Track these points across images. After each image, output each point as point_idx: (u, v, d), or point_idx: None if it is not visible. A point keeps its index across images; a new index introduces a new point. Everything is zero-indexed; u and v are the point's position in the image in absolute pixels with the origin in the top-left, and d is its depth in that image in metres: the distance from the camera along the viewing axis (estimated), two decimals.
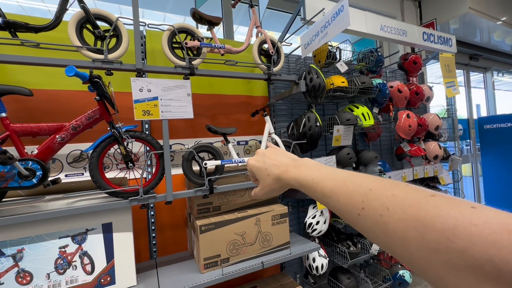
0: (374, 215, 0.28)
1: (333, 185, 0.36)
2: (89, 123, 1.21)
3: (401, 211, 0.26)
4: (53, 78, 1.49)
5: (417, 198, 0.26)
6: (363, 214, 0.30)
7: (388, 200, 0.28)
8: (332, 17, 1.45)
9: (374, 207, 0.29)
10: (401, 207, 0.26)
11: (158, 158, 1.36)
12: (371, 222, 0.29)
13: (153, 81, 1.32)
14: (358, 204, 0.31)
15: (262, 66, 1.70)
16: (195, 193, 1.44)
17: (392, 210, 0.27)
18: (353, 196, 0.32)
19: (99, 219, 1.26)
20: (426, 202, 0.25)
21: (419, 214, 0.24)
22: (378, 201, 0.29)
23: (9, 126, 1.07)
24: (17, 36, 1.14)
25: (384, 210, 0.27)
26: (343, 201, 0.34)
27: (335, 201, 0.35)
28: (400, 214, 0.26)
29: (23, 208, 1.17)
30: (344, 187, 0.34)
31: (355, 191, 0.33)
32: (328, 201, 0.36)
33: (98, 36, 1.27)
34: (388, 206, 0.27)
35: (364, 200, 0.31)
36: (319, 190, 0.38)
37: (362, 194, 0.31)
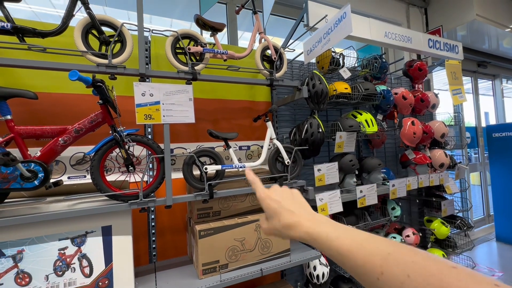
0: (395, 281, 0.28)
1: (349, 244, 0.36)
2: (91, 126, 1.22)
3: (423, 280, 0.26)
4: (59, 82, 1.52)
5: (439, 269, 0.26)
6: (383, 279, 0.30)
7: (409, 267, 0.28)
8: (334, 24, 1.45)
9: (394, 273, 0.29)
10: (423, 276, 0.26)
11: (158, 162, 1.37)
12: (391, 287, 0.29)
13: (155, 85, 1.33)
14: (376, 268, 0.31)
15: (265, 72, 1.71)
16: (194, 198, 1.44)
17: (413, 278, 0.27)
18: (371, 259, 0.32)
19: (99, 221, 1.27)
20: (449, 274, 0.25)
21: (442, 285, 0.24)
22: (398, 267, 0.29)
23: (13, 128, 1.10)
24: (24, 41, 1.17)
25: (405, 277, 0.27)
26: (361, 262, 0.33)
27: (352, 262, 0.34)
28: (422, 283, 0.26)
29: (24, 209, 1.18)
30: (362, 248, 0.34)
31: (373, 253, 0.32)
32: (344, 260, 0.36)
33: (103, 41, 1.30)
34: (409, 274, 0.27)
35: (383, 264, 0.30)
36: (334, 248, 0.37)
37: (381, 258, 0.31)
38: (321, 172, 1.79)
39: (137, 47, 1.57)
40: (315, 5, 1.78)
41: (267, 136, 1.72)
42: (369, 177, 2.20)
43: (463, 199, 3.44)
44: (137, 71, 1.33)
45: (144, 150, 1.64)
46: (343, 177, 2.00)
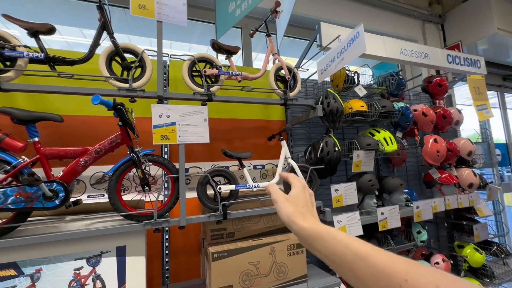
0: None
1: (368, 248, 0.34)
2: (111, 147, 1.27)
3: None
4: (83, 105, 1.61)
5: (472, 286, 0.25)
6: (406, 286, 0.28)
7: (437, 278, 0.26)
8: (348, 43, 1.46)
9: (420, 281, 0.27)
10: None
11: (173, 181, 1.38)
12: None
13: (172, 107, 1.38)
14: (400, 274, 0.29)
15: (279, 92, 1.72)
16: (208, 218, 1.42)
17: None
18: (394, 263, 0.30)
19: (114, 241, 1.27)
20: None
21: None
22: (426, 276, 0.27)
23: (40, 150, 1.16)
24: (55, 69, 1.27)
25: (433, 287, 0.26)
26: (382, 267, 0.31)
27: (370, 265, 0.32)
28: None
29: (44, 228, 1.22)
30: (383, 254, 0.33)
31: (397, 260, 0.31)
32: (361, 263, 0.34)
33: (125, 67, 1.38)
34: (438, 284, 0.26)
35: (408, 272, 0.28)
36: (352, 249, 0.35)
37: (405, 265, 0.30)
38: (338, 193, 1.72)
39: (156, 71, 1.64)
40: (328, 26, 1.81)
41: (281, 155, 1.70)
42: (390, 198, 2.08)
43: (498, 223, 3.15)
44: (156, 93, 1.39)
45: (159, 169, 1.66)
46: (362, 197, 1.91)
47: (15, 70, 1.20)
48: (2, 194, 1.06)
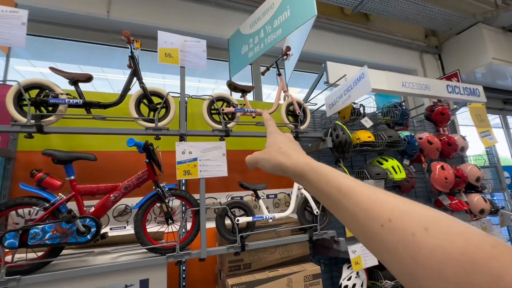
0: (405, 231, 0.23)
1: (354, 184, 0.30)
2: (138, 183, 1.36)
3: (445, 237, 0.21)
4: (109, 141, 1.74)
5: (467, 229, 0.21)
6: (388, 226, 0.24)
7: (427, 220, 0.23)
8: (354, 82, 1.59)
9: (405, 221, 0.23)
10: (445, 232, 0.21)
11: (194, 214, 1.45)
12: (396, 239, 0.23)
13: (193, 144, 1.49)
14: (384, 213, 0.25)
15: (290, 126, 1.84)
16: (227, 250, 1.47)
17: (431, 233, 0.21)
18: (379, 203, 0.27)
19: (137, 275, 1.32)
20: (480, 238, 0.20)
21: (470, 248, 0.19)
22: (413, 217, 0.24)
23: (75, 187, 1.26)
24: (91, 112, 1.41)
25: (419, 229, 0.22)
26: (364, 205, 0.27)
27: (352, 202, 0.29)
28: (443, 240, 0.21)
29: (74, 262, 1.28)
30: (370, 192, 0.29)
31: (384, 198, 0.27)
32: (342, 200, 0.30)
33: (151, 108, 1.52)
34: (426, 226, 0.22)
35: (394, 210, 0.25)
36: (336, 184, 0.32)
37: (392, 204, 0.26)
38: None
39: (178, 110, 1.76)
40: (334, 65, 1.97)
41: (295, 186, 1.77)
42: None
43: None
44: (178, 131, 1.51)
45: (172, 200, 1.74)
46: None
47: (56, 115, 1.34)
48: (41, 231, 1.14)
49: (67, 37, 2.47)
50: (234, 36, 2.22)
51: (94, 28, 2.43)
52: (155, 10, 2.53)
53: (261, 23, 1.91)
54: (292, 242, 1.69)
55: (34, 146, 1.59)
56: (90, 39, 2.48)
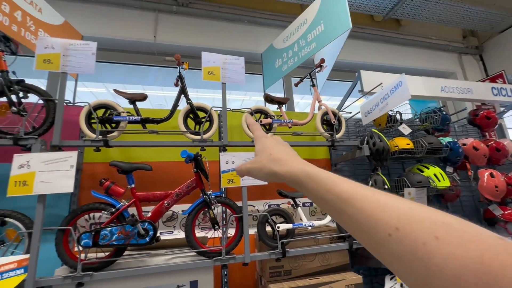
0: (414, 240, 0.22)
1: (355, 190, 0.29)
2: (187, 190, 1.49)
3: (458, 245, 0.20)
4: (158, 153, 1.91)
5: (479, 235, 0.20)
6: (397, 236, 0.23)
7: (438, 226, 0.21)
8: (391, 91, 1.60)
9: (414, 231, 0.22)
10: (457, 240, 0.20)
11: (237, 220, 1.54)
12: (406, 248, 0.22)
13: (236, 154, 1.59)
14: (391, 222, 0.24)
15: (326, 135, 1.88)
16: (269, 256, 1.52)
17: (443, 241, 0.20)
18: (384, 209, 0.25)
19: (188, 276, 1.43)
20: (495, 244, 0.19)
21: (486, 256, 0.18)
22: (421, 224, 0.22)
23: (135, 194, 1.42)
24: (146, 128, 1.59)
25: (430, 238, 0.21)
26: (369, 212, 0.26)
27: (356, 210, 0.27)
28: (455, 249, 0.20)
29: (134, 262, 1.42)
30: (373, 198, 0.27)
31: (389, 204, 0.25)
32: (344, 208, 0.28)
33: (197, 122, 1.66)
34: (437, 235, 0.21)
35: (401, 218, 0.24)
36: (336, 191, 0.30)
37: (398, 210, 0.24)
38: None
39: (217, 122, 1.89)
40: (368, 73, 1.98)
41: None
42: None
43: None
44: (222, 142, 1.63)
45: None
46: None
47: (119, 130, 1.53)
48: (109, 232, 1.30)
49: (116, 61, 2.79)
50: (268, 51, 2.33)
51: (141, 51, 2.71)
52: (195, 31, 2.77)
53: (294, 37, 2.00)
54: (332, 250, 1.70)
55: (96, 159, 1.81)
56: (137, 61, 2.76)
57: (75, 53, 1.51)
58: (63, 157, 1.31)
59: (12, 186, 1.24)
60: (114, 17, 2.64)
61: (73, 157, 1.32)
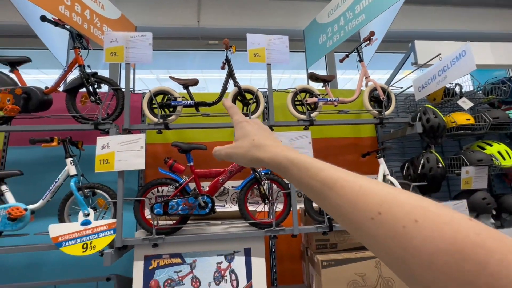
0: (395, 224, 0.23)
1: (339, 176, 0.30)
2: (239, 168, 1.62)
3: (435, 228, 0.21)
4: (210, 134, 2.06)
5: (454, 218, 0.22)
6: (378, 219, 0.24)
7: (417, 210, 0.23)
8: (451, 61, 1.47)
9: (395, 214, 0.24)
10: (434, 223, 0.22)
11: (285, 196, 1.64)
12: (387, 231, 0.24)
13: (283, 134, 1.66)
14: (373, 206, 0.25)
15: (374, 112, 1.82)
16: (316, 230, 1.61)
17: (421, 224, 0.22)
18: (366, 194, 0.26)
19: (242, 244, 1.60)
20: (466, 226, 0.21)
21: (458, 237, 0.20)
22: (402, 208, 0.24)
23: (194, 171, 1.59)
24: (199, 111, 1.72)
25: (409, 221, 0.22)
26: (352, 197, 0.27)
27: (339, 196, 0.28)
28: (432, 231, 0.21)
29: (196, 229, 1.63)
30: (355, 183, 0.28)
31: (371, 190, 0.27)
32: (327, 193, 0.30)
33: (245, 103, 1.74)
34: (416, 218, 0.22)
35: (383, 203, 0.25)
36: (320, 178, 0.31)
37: (380, 196, 0.26)
38: None
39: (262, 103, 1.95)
40: (423, 43, 1.82)
41: (380, 173, 1.77)
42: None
43: None
44: (269, 123, 1.70)
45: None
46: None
47: (176, 114, 1.68)
48: (175, 203, 1.50)
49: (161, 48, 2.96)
50: (310, 26, 2.26)
51: (185, 37, 2.83)
52: (237, 13, 2.78)
53: (340, 10, 1.90)
54: None
55: (156, 140, 2.03)
56: (181, 47, 2.90)
57: (134, 45, 1.66)
58: (134, 139, 1.51)
59: (98, 164, 1.48)
60: (158, 6, 2.77)
61: (142, 138, 1.52)
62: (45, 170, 1.78)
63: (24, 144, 1.88)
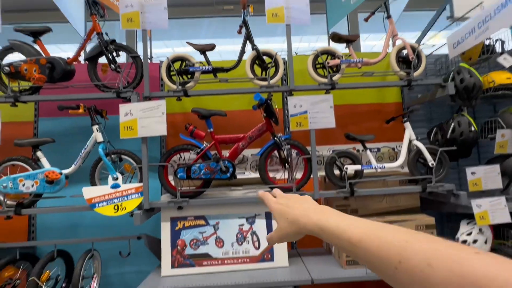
0: (415, 270, 0.27)
1: (361, 233, 0.34)
2: (259, 134, 1.61)
3: (446, 267, 0.25)
4: (225, 102, 2.04)
5: (461, 255, 0.25)
6: (401, 268, 0.28)
7: (429, 255, 0.27)
8: (495, 10, 1.31)
9: (413, 261, 0.28)
10: (445, 263, 0.25)
11: (306, 161, 1.62)
12: (409, 277, 0.28)
13: (303, 98, 1.60)
14: (394, 257, 0.29)
15: (401, 73, 1.70)
16: (337, 194, 1.61)
17: (435, 266, 0.25)
18: (386, 247, 0.31)
19: (263, 208, 1.63)
20: (472, 259, 0.24)
21: (466, 270, 0.23)
22: (418, 255, 0.28)
23: (214, 137, 1.60)
24: (217, 77, 1.69)
25: (425, 266, 0.26)
26: (375, 252, 0.32)
27: (365, 252, 0.33)
28: (444, 270, 0.25)
29: (218, 193, 1.68)
30: (375, 237, 0.33)
31: (389, 242, 0.31)
32: (356, 251, 0.35)
33: (263, 68, 1.68)
34: (429, 262, 0.26)
35: (401, 253, 0.29)
36: (346, 238, 0.36)
37: (398, 247, 0.30)
38: (475, 176, 1.59)
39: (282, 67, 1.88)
40: None
41: (405, 138, 1.70)
42: None
43: None
44: (288, 87, 1.65)
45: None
46: (508, 183, 1.69)
47: (194, 81, 1.67)
48: (198, 168, 1.54)
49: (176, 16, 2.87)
50: None
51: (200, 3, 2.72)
52: None
53: None
54: (403, 193, 1.68)
55: (174, 109, 2.05)
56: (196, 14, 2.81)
57: (149, 9, 1.61)
58: (155, 106, 1.53)
59: (122, 130, 1.53)
60: None
61: (163, 105, 1.53)
62: (74, 139, 1.87)
63: (54, 115, 1.97)
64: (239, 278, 1.47)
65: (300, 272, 1.54)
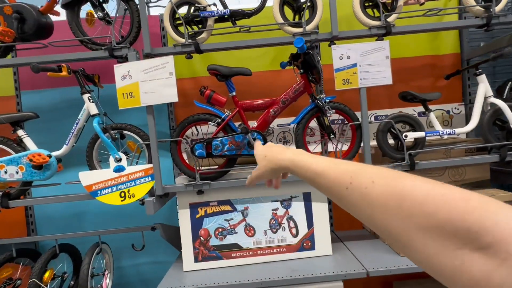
0: (360, 187, 0.31)
1: (325, 165, 0.39)
2: (294, 96, 1.26)
3: (385, 183, 0.29)
4: (247, 62, 1.66)
5: (399, 175, 0.29)
6: (351, 187, 0.32)
7: (374, 175, 0.31)
8: None
9: (360, 181, 0.32)
10: (385, 180, 0.29)
11: (354, 130, 1.29)
12: (357, 194, 0.32)
13: (351, 46, 1.23)
14: (346, 179, 0.33)
15: (477, 9, 1.29)
16: (394, 168, 1.29)
17: (376, 183, 0.29)
18: (343, 173, 0.35)
19: (301, 188, 1.34)
20: (405, 179, 0.28)
21: (398, 187, 0.27)
22: (365, 176, 0.32)
23: (238, 103, 1.26)
24: (236, 24, 1.30)
25: (369, 183, 0.30)
26: (333, 177, 0.36)
27: (326, 179, 0.37)
28: (383, 186, 0.29)
29: (244, 173, 1.38)
30: (335, 167, 0.37)
31: (346, 169, 0.35)
32: (318, 180, 0.39)
33: (296, 10, 1.29)
34: (373, 180, 0.30)
35: (352, 176, 0.33)
36: (312, 169, 0.40)
37: (351, 171, 0.34)
38: None
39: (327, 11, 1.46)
40: None
41: (478, 94, 1.34)
42: None
43: None
44: (330, 34, 1.26)
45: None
46: None
47: (207, 30, 1.29)
48: (220, 143, 1.22)
49: None
50: None
51: None
52: None
53: None
54: (473, 164, 1.36)
55: (183, 74, 1.68)
56: None
57: None
58: (160, 64, 1.17)
59: (121, 98, 1.19)
60: None
61: (170, 62, 1.17)
62: (64, 114, 1.55)
63: (38, 87, 1.63)
64: (276, 271, 1.22)
65: (349, 262, 1.27)
